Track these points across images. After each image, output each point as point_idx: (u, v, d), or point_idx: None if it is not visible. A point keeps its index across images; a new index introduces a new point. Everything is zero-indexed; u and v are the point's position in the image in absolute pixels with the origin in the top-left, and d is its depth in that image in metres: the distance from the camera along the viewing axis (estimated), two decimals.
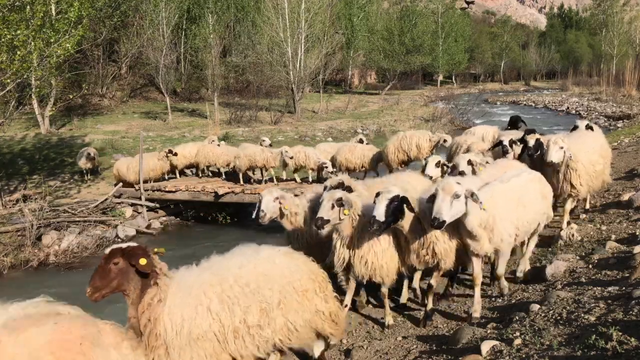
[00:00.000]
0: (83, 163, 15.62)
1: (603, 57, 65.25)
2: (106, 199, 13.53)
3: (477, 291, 5.04)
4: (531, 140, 7.33)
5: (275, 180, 12.93)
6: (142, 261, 3.30)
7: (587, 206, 8.46)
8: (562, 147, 6.66)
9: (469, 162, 6.55)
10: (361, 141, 12.75)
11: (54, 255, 11.22)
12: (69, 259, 11.19)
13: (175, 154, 13.71)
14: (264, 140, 13.28)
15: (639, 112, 29.92)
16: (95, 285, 3.25)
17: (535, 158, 7.38)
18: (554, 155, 6.64)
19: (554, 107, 41.88)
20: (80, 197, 14.57)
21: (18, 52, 11.82)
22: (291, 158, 11.86)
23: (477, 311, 4.98)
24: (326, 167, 11.59)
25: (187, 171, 15.05)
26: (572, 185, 6.98)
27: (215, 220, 13.62)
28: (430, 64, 57.68)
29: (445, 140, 10.88)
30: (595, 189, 7.67)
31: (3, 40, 11.53)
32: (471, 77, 78.03)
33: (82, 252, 11.48)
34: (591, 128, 8.04)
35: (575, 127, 8.28)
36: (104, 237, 12.29)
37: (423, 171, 7.27)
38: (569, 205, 7.42)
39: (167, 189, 13.14)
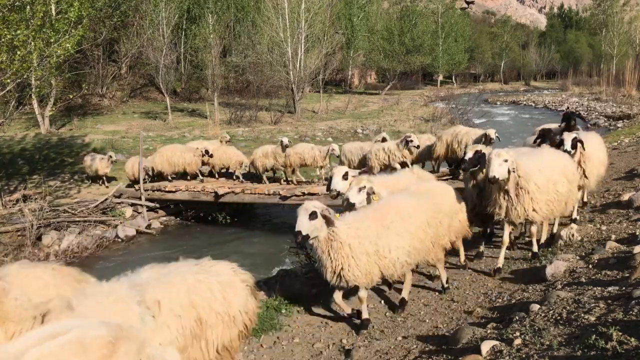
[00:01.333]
0: (103, 167, 14.68)
1: (603, 57, 65.26)
2: (106, 199, 13.53)
3: None
4: (470, 151, 6.25)
5: (266, 181, 12.92)
6: None
7: (555, 230, 7.21)
8: (505, 160, 5.69)
9: (345, 176, 5.84)
10: (384, 140, 12.00)
11: (54, 255, 11.22)
12: (69, 259, 11.18)
13: (211, 156, 13.23)
14: (282, 140, 12.81)
15: (639, 112, 29.93)
16: None
17: (475, 174, 6.30)
18: (497, 170, 5.60)
19: (554, 107, 41.90)
20: (80, 197, 14.56)
21: (18, 52, 11.82)
22: (338, 157, 11.39)
23: None
24: (411, 141, 10.51)
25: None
26: (525, 209, 5.98)
27: (215, 220, 13.62)
28: (430, 64, 57.67)
29: (486, 136, 9.46)
30: (559, 214, 6.73)
31: (3, 40, 11.53)
32: (471, 77, 78.01)
33: (82, 252, 11.49)
34: (581, 142, 7.00)
35: (560, 142, 7.06)
36: (104, 237, 12.29)
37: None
38: (535, 229, 6.46)
39: (167, 189, 13.15)
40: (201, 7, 33.87)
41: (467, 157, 6.20)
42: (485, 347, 3.76)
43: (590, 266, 5.40)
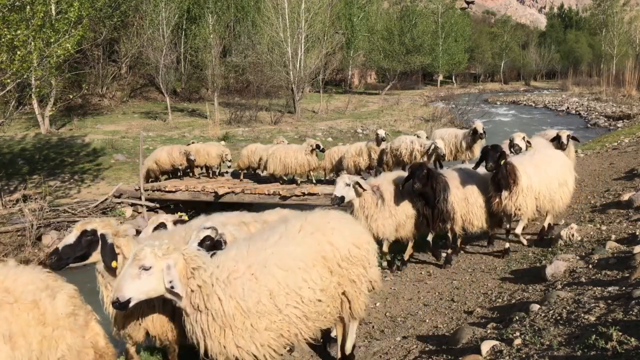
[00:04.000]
0: (179, 160, 13.73)
1: (603, 57, 65.35)
2: (106, 199, 13.54)
3: None
4: (74, 233, 3.76)
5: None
6: None
7: None
8: (142, 268, 3.08)
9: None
10: (475, 132, 10.68)
11: None
12: None
13: (323, 150, 11.98)
14: (377, 133, 11.30)
15: (639, 112, 29.94)
16: None
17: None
18: (126, 288, 3.09)
19: (554, 107, 41.94)
20: (80, 197, 14.58)
21: (18, 52, 11.84)
22: (443, 155, 10.04)
23: None
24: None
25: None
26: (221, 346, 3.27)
27: None
28: (430, 64, 57.70)
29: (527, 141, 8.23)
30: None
31: (3, 40, 11.54)
32: (471, 77, 78.05)
33: None
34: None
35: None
36: None
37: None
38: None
39: (167, 189, 13.15)
40: (201, 7, 33.90)
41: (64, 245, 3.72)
42: (485, 347, 3.76)
43: (590, 266, 5.39)
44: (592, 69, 65.95)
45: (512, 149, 7.88)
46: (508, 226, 7.10)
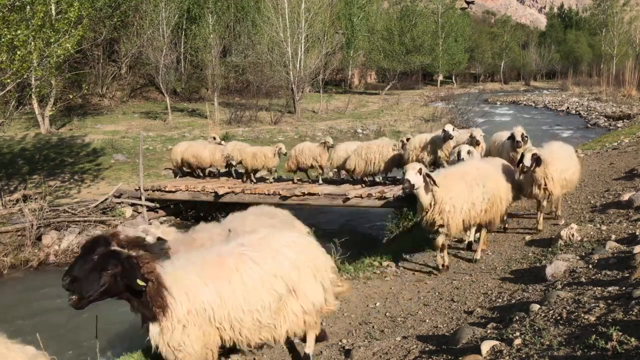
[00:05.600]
0: (220, 162, 13.54)
1: (603, 57, 65.45)
2: (106, 199, 13.53)
3: None
4: None
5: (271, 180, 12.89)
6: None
7: None
8: None
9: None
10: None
11: (54, 255, 11.23)
12: (69, 259, 11.18)
13: None
14: (444, 129, 9.87)
15: (639, 112, 29.96)
16: None
17: None
18: None
19: (554, 107, 41.93)
20: (80, 197, 14.57)
21: (18, 52, 11.82)
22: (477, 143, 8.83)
23: None
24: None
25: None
26: None
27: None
28: (430, 64, 57.70)
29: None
30: None
31: (3, 40, 11.53)
32: (471, 77, 78.06)
33: None
34: None
35: None
36: None
37: None
38: None
39: (167, 189, 13.14)
40: (201, 7, 33.88)
41: None
42: (485, 347, 3.76)
43: (590, 266, 5.39)
44: (592, 69, 65.96)
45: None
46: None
